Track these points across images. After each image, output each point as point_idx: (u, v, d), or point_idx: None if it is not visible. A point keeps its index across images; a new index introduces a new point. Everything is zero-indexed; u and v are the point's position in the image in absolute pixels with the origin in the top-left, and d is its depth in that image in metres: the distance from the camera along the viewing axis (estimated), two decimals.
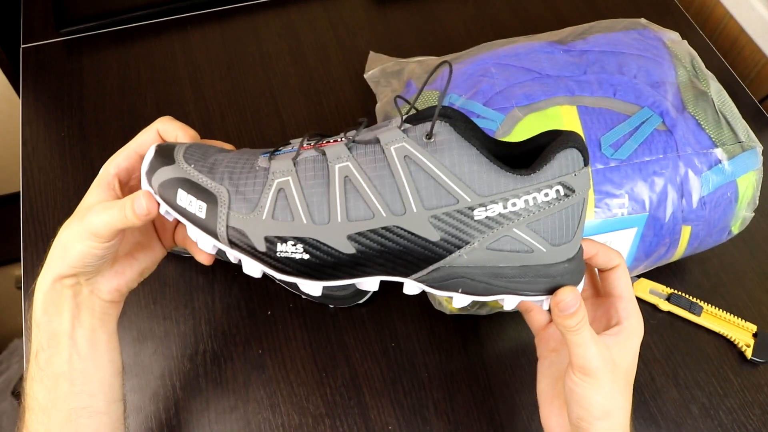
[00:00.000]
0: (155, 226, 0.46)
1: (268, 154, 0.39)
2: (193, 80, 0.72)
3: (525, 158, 0.38)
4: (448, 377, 0.54)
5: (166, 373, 0.54)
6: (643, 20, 0.60)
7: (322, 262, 0.38)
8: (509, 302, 0.39)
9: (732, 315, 0.58)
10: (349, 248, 0.37)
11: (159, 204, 0.40)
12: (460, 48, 0.61)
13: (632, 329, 0.41)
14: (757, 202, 0.54)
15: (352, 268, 0.38)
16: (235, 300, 0.58)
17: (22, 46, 0.75)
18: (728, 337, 0.57)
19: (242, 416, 0.52)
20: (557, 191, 0.36)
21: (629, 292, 0.42)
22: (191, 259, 0.59)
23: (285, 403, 0.53)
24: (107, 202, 0.40)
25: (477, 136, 0.38)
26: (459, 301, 0.39)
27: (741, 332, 0.58)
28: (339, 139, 0.38)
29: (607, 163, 0.49)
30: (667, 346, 0.57)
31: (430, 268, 0.38)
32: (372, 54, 0.68)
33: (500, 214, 0.36)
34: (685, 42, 0.58)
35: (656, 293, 0.59)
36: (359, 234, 0.37)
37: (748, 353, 0.57)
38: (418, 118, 0.36)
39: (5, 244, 1.10)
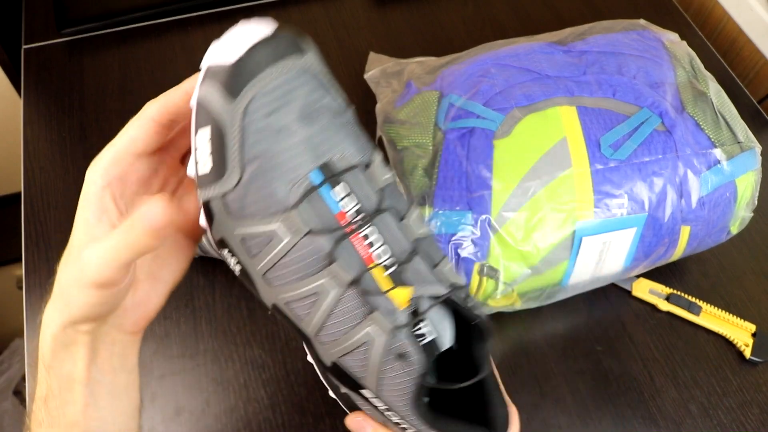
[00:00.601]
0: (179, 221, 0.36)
1: (319, 173, 0.31)
2: None
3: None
4: None
5: (167, 373, 0.54)
6: (642, 21, 0.60)
7: (247, 287, 0.35)
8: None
9: (731, 315, 0.58)
10: (268, 306, 0.35)
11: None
12: (460, 48, 0.62)
13: None
14: (756, 202, 0.54)
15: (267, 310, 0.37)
16: (236, 300, 0.58)
17: (24, 46, 0.76)
18: (727, 336, 0.58)
19: (243, 416, 0.52)
20: None
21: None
22: (192, 259, 0.59)
23: (286, 402, 0.53)
24: (100, 233, 0.32)
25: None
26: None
27: (740, 332, 0.58)
28: (371, 252, 0.31)
29: (607, 164, 0.49)
30: (666, 345, 0.57)
31: None
32: (372, 54, 0.68)
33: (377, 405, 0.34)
34: (684, 43, 0.58)
35: (655, 293, 0.60)
36: (282, 313, 0.34)
37: (747, 353, 0.57)
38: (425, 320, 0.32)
39: (6, 244, 1.10)
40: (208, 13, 0.79)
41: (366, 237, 0.31)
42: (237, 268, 0.34)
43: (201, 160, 0.32)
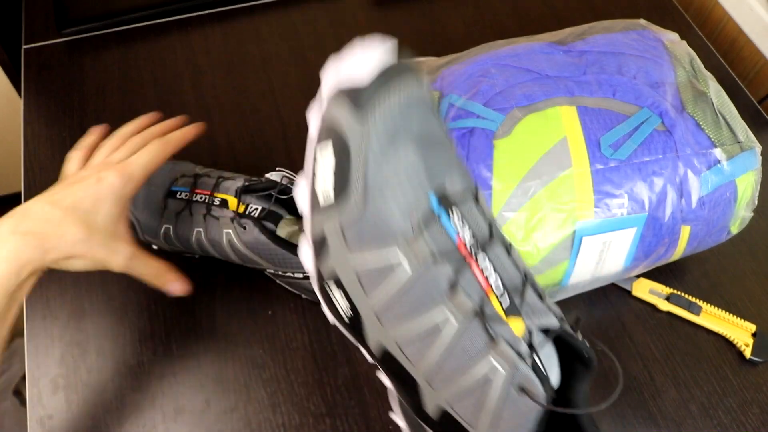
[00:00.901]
0: None
1: (437, 199, 0.31)
2: (194, 80, 0.72)
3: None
4: None
5: (167, 373, 0.54)
6: (642, 21, 0.60)
7: (347, 334, 0.34)
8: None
9: (731, 314, 0.58)
10: (374, 356, 0.33)
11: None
12: (460, 48, 0.62)
13: None
14: (756, 202, 0.54)
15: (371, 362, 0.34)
16: (236, 300, 0.58)
17: (24, 46, 0.76)
18: (727, 336, 0.58)
19: (243, 416, 0.52)
20: None
21: None
22: (192, 259, 0.59)
23: (286, 402, 0.53)
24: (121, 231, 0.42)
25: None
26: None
27: (740, 332, 0.58)
28: (487, 281, 0.31)
29: (607, 164, 0.49)
30: (667, 345, 0.57)
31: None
32: None
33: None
34: (684, 42, 0.58)
35: (656, 293, 0.60)
36: (390, 356, 0.32)
37: (747, 353, 0.57)
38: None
39: None
40: (208, 13, 0.79)
41: (479, 264, 0.31)
42: (344, 306, 0.32)
43: (321, 187, 0.31)
